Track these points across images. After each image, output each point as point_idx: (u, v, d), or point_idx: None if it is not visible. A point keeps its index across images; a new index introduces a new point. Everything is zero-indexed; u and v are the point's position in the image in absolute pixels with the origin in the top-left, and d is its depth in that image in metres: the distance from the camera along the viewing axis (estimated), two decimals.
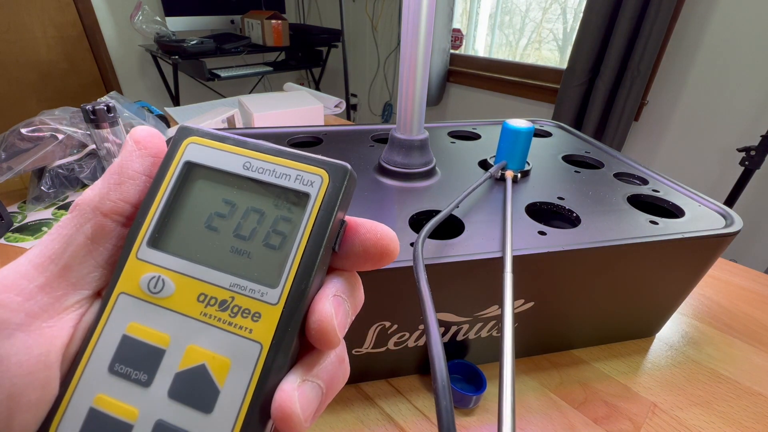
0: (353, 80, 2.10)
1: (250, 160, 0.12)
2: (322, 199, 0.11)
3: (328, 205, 0.11)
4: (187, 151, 0.12)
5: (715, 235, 0.29)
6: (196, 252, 0.11)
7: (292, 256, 0.11)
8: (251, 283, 0.11)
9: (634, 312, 0.34)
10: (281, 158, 0.12)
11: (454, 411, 0.30)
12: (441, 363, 0.15)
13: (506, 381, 0.16)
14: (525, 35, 1.59)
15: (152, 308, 0.11)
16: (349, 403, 0.31)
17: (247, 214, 0.11)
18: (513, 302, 0.21)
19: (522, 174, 0.37)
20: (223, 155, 0.12)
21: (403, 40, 0.31)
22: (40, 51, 1.63)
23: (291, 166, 0.11)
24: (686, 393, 0.32)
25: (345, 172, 0.11)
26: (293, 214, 0.11)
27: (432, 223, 0.25)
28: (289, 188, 0.11)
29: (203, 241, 0.11)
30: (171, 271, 0.11)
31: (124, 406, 0.10)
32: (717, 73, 1.08)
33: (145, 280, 0.11)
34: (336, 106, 0.95)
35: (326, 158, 0.12)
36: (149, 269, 0.11)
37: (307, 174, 0.11)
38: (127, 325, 0.11)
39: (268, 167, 0.11)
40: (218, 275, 0.11)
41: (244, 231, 0.11)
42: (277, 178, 0.11)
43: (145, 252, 0.11)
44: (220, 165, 0.12)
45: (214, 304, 0.11)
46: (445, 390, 0.14)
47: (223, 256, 0.11)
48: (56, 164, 0.55)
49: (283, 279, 0.11)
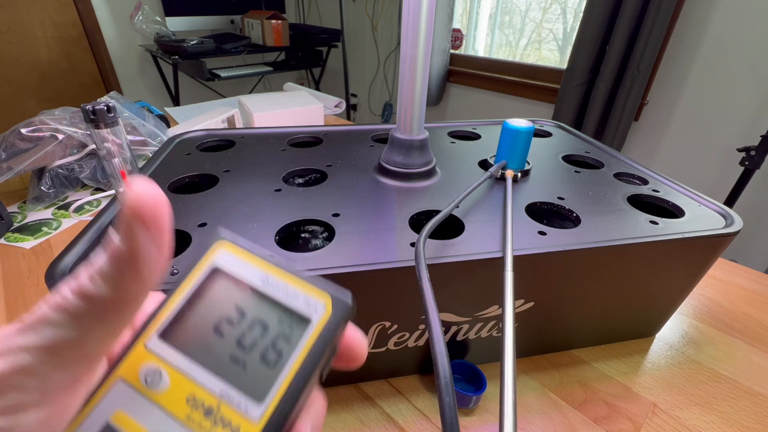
0: (353, 80, 2.10)
1: (268, 275, 0.12)
2: (322, 328, 0.12)
3: (327, 334, 0.12)
4: (217, 256, 0.13)
5: (715, 235, 0.29)
6: (199, 353, 0.12)
7: (282, 377, 0.11)
8: (239, 396, 0.11)
9: (634, 312, 0.34)
10: (295, 278, 0.12)
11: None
12: (444, 360, 0.15)
13: (507, 377, 0.16)
14: (525, 35, 1.59)
15: (143, 401, 0.11)
16: (349, 403, 0.31)
17: (254, 325, 0.12)
18: (514, 300, 0.21)
19: (522, 173, 0.37)
20: (246, 266, 0.12)
21: (403, 40, 0.31)
22: (40, 51, 1.63)
23: (301, 288, 0.12)
24: (686, 393, 0.32)
25: (347, 306, 0.12)
26: (294, 334, 0.12)
27: (433, 222, 0.25)
28: (295, 310, 0.12)
29: (209, 343, 0.12)
30: (171, 366, 0.11)
31: None
32: (717, 73, 1.08)
33: (144, 371, 0.11)
34: (336, 106, 0.95)
35: (334, 287, 0.12)
36: (152, 360, 0.11)
37: (313, 299, 0.12)
38: (114, 412, 0.11)
39: (282, 285, 0.12)
40: (212, 380, 0.11)
41: (247, 341, 0.12)
42: (287, 296, 0.12)
43: (154, 342, 0.12)
44: (243, 275, 0.12)
45: (200, 409, 0.11)
46: (448, 387, 0.14)
47: (222, 361, 0.11)
48: (56, 164, 0.55)
49: (270, 397, 0.11)
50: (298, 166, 0.37)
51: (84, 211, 0.54)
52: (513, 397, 0.15)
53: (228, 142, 0.44)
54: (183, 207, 0.30)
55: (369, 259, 0.25)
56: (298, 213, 0.30)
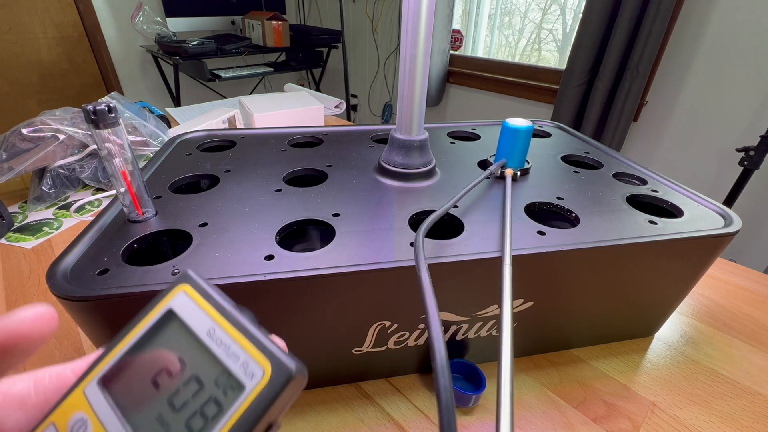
0: (353, 81, 2.10)
1: (216, 327, 0.11)
2: (255, 397, 0.10)
3: (258, 406, 0.10)
4: (175, 299, 0.12)
5: (714, 235, 0.29)
6: (130, 407, 0.11)
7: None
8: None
9: (633, 311, 0.34)
10: (241, 335, 0.11)
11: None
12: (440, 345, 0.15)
13: (505, 375, 0.16)
14: (524, 36, 1.59)
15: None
16: (349, 402, 0.31)
17: (189, 382, 0.11)
18: (512, 295, 0.21)
19: (522, 172, 0.37)
20: (199, 313, 0.12)
21: (403, 40, 0.31)
22: (41, 51, 1.64)
23: (244, 348, 0.11)
24: (685, 392, 0.32)
25: (288, 375, 0.10)
26: (226, 400, 0.10)
27: (432, 218, 0.26)
28: (232, 372, 0.11)
29: (142, 396, 0.11)
30: (98, 418, 0.11)
31: None
32: (716, 74, 1.08)
33: (74, 420, 0.11)
34: (336, 107, 0.95)
35: (278, 352, 0.11)
36: (84, 408, 0.11)
37: (252, 362, 0.11)
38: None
39: (226, 341, 0.11)
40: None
41: (178, 399, 0.11)
42: (228, 356, 0.11)
43: (92, 389, 0.11)
44: (191, 323, 0.11)
45: None
46: (444, 369, 0.14)
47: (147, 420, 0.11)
48: (57, 164, 0.55)
49: None
50: (299, 166, 0.38)
51: (85, 211, 0.54)
52: (510, 390, 0.16)
53: (229, 143, 0.44)
54: (184, 207, 0.30)
55: (369, 259, 0.25)
56: (298, 213, 0.30)
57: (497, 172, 0.36)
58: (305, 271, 0.23)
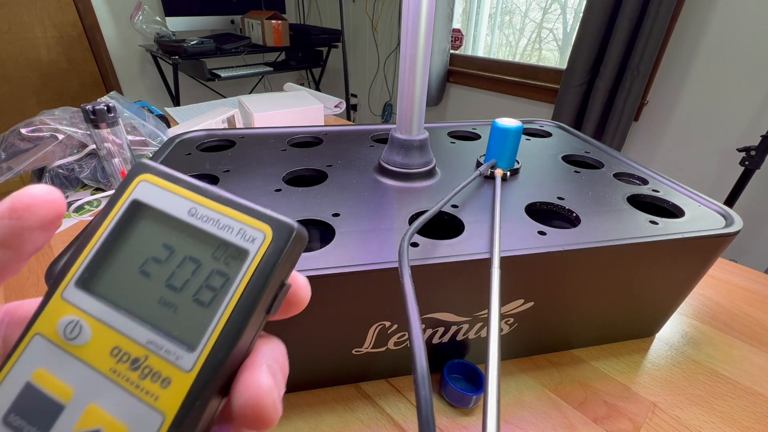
0: (353, 80, 2.10)
1: (196, 206, 0.11)
2: (261, 259, 0.10)
3: (266, 267, 0.10)
4: (138, 189, 0.11)
5: (715, 235, 0.29)
6: (123, 298, 0.10)
7: (217, 318, 0.10)
8: (168, 343, 0.10)
9: (634, 312, 0.34)
10: (228, 208, 0.11)
11: (454, 410, 0.30)
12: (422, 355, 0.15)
13: (492, 377, 0.16)
14: (525, 35, 1.59)
15: (63, 356, 0.10)
16: (348, 402, 0.31)
17: (184, 263, 0.11)
18: (500, 297, 0.21)
19: (511, 172, 0.37)
20: (171, 197, 0.11)
21: (403, 40, 0.31)
22: (40, 51, 1.63)
23: (236, 218, 0.11)
24: (686, 393, 0.32)
25: (290, 232, 0.10)
26: (230, 270, 0.10)
27: (419, 222, 0.26)
28: (229, 242, 0.10)
29: (134, 286, 0.11)
30: (91, 317, 0.10)
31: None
32: (717, 73, 1.08)
33: (63, 324, 0.10)
34: (336, 106, 0.95)
35: (275, 214, 0.11)
36: (70, 312, 0.10)
37: (250, 228, 0.11)
38: (34, 371, 0.10)
39: (213, 216, 0.11)
40: (137, 328, 0.10)
41: (177, 281, 0.10)
42: (219, 229, 0.11)
43: (71, 292, 0.10)
44: (166, 208, 0.11)
45: (127, 360, 0.10)
46: (425, 380, 0.14)
47: (149, 306, 0.10)
48: (56, 164, 0.55)
49: (203, 343, 0.10)
50: (299, 166, 0.37)
51: (84, 211, 0.54)
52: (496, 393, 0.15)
53: (228, 142, 0.44)
54: None
55: (369, 259, 0.25)
56: (298, 213, 0.30)
57: (487, 172, 0.36)
58: (305, 271, 0.23)
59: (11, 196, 0.10)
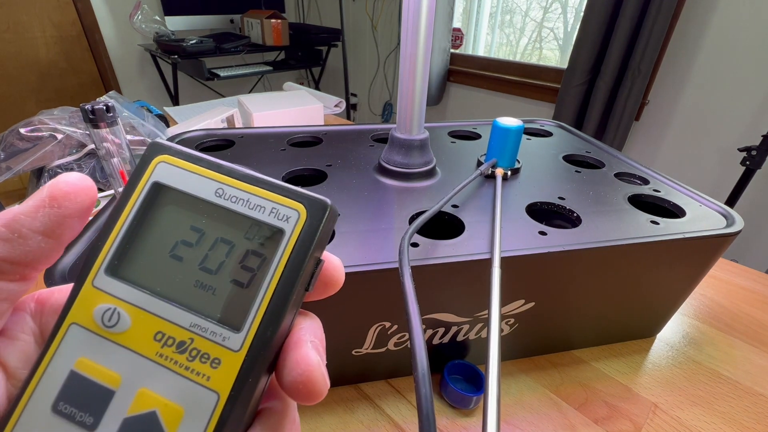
0: (353, 80, 2.10)
1: (223, 186, 0.11)
2: (297, 237, 0.10)
3: (304, 245, 0.10)
4: (157, 171, 0.11)
5: (716, 235, 0.29)
6: (158, 283, 0.10)
7: (260, 298, 0.10)
8: (213, 325, 0.10)
9: (634, 312, 0.34)
10: (257, 187, 0.11)
11: (454, 411, 0.30)
12: (422, 353, 0.15)
13: (492, 378, 0.16)
14: (525, 34, 1.58)
15: (104, 344, 0.10)
16: (349, 403, 0.30)
17: (216, 245, 0.11)
18: (501, 297, 0.21)
19: (512, 172, 0.37)
20: (194, 178, 0.11)
21: (403, 39, 0.31)
22: (39, 50, 1.63)
23: (266, 197, 0.11)
24: (687, 393, 0.32)
25: (324, 208, 0.10)
26: (265, 249, 0.10)
27: (422, 219, 0.25)
28: (263, 222, 0.10)
29: (166, 271, 0.10)
30: (128, 303, 0.10)
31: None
32: (718, 73, 1.08)
33: (99, 312, 0.10)
34: (336, 106, 0.94)
35: (305, 191, 0.11)
36: (105, 300, 0.10)
37: (283, 207, 0.10)
38: (77, 359, 0.10)
39: (242, 196, 0.11)
40: (178, 312, 0.10)
41: (211, 263, 0.10)
42: (250, 209, 0.11)
43: (102, 280, 0.10)
44: (191, 189, 0.11)
45: (172, 344, 0.10)
46: (425, 378, 0.14)
47: (186, 289, 0.10)
48: (55, 164, 0.55)
49: (248, 323, 0.10)
50: (298, 166, 0.37)
51: None
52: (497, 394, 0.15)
53: (227, 142, 0.43)
54: None
55: (369, 259, 0.25)
56: None
57: (488, 172, 0.36)
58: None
59: (49, 185, 0.10)
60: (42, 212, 0.10)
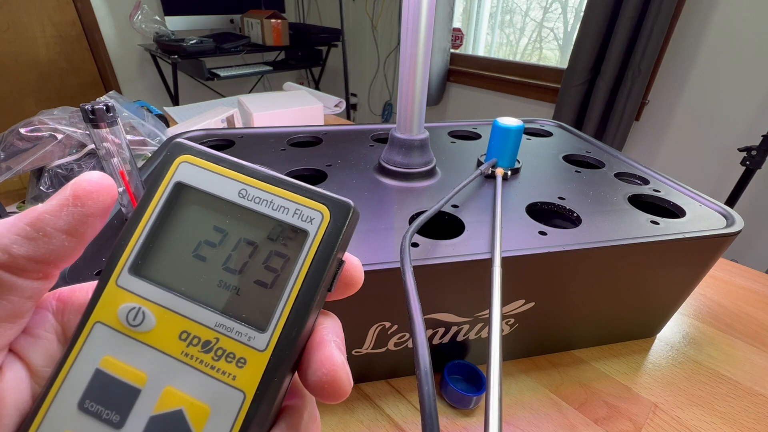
0: (353, 80, 2.10)
1: (246, 187, 0.11)
2: (321, 239, 0.10)
3: (328, 246, 0.10)
4: (179, 171, 0.11)
5: (716, 235, 0.29)
6: (182, 283, 0.10)
7: (285, 299, 0.10)
8: (238, 325, 0.10)
9: (634, 312, 0.34)
10: (280, 189, 0.11)
11: (454, 411, 0.30)
12: (425, 351, 0.15)
13: (493, 378, 0.16)
14: (526, 34, 1.58)
15: (130, 342, 0.10)
16: (349, 403, 0.30)
17: (239, 246, 0.11)
18: (502, 297, 0.21)
19: (512, 172, 0.37)
20: (217, 179, 0.11)
21: (403, 39, 0.31)
22: (39, 50, 1.63)
23: (290, 198, 0.11)
24: (687, 393, 0.32)
25: (348, 210, 0.11)
26: (289, 250, 0.10)
27: (422, 219, 0.25)
28: (287, 223, 0.11)
29: (190, 271, 0.11)
30: (153, 303, 0.10)
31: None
32: (718, 73, 1.08)
33: (124, 311, 0.10)
34: (336, 106, 0.94)
35: (328, 193, 0.11)
36: (129, 299, 0.10)
37: (306, 209, 0.11)
38: (102, 358, 0.10)
39: (266, 197, 0.11)
40: (203, 312, 0.10)
41: (235, 264, 0.11)
42: (274, 210, 0.11)
43: (126, 279, 0.10)
44: (214, 190, 0.11)
45: (197, 344, 0.10)
46: (428, 376, 0.14)
47: (210, 289, 0.10)
48: (55, 164, 0.55)
49: (274, 323, 0.10)
50: (298, 166, 0.37)
51: None
52: (498, 393, 0.15)
53: (227, 142, 0.43)
54: None
55: (369, 259, 0.25)
56: None
57: (488, 171, 0.36)
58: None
59: (72, 184, 0.10)
60: (66, 211, 0.10)
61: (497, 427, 0.14)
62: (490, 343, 0.18)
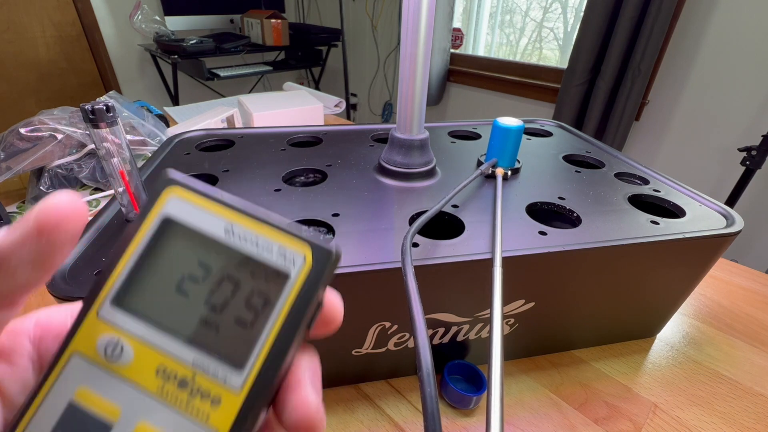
0: (353, 80, 2.10)
1: (232, 225, 0.11)
2: (303, 282, 0.10)
3: (308, 289, 0.10)
4: (168, 205, 0.11)
5: (716, 235, 0.29)
6: (163, 317, 0.10)
7: (263, 339, 0.10)
8: (215, 363, 0.10)
9: (634, 312, 0.34)
10: (265, 227, 0.11)
11: (455, 411, 0.30)
12: (426, 352, 0.15)
13: (495, 377, 0.16)
14: (525, 34, 1.58)
15: (106, 375, 0.10)
16: (349, 403, 0.30)
17: (222, 283, 0.11)
18: (503, 296, 0.21)
19: (512, 172, 0.37)
20: (204, 215, 0.11)
21: (403, 39, 0.31)
22: (39, 50, 1.63)
23: (273, 238, 0.11)
24: (687, 393, 0.32)
25: (329, 256, 0.11)
26: (270, 290, 0.10)
27: (423, 219, 0.25)
28: (269, 263, 0.11)
29: (172, 305, 0.11)
30: (132, 336, 0.10)
31: None
32: (718, 73, 1.08)
33: (103, 343, 0.10)
34: (336, 106, 0.94)
35: (312, 234, 0.11)
36: (109, 331, 0.10)
37: (289, 250, 0.11)
38: (76, 389, 0.10)
39: (251, 236, 0.11)
40: (181, 349, 0.10)
41: (216, 300, 0.11)
42: (258, 249, 0.11)
43: (107, 311, 0.10)
44: (201, 226, 0.11)
45: (174, 380, 0.10)
46: (430, 377, 0.14)
47: (190, 325, 0.10)
48: (55, 164, 0.55)
49: (250, 363, 0.10)
50: (298, 166, 0.37)
51: None
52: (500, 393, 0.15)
53: (227, 142, 0.43)
54: None
55: (369, 259, 0.25)
56: (297, 213, 0.30)
57: (488, 171, 0.36)
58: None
59: (36, 213, 0.09)
60: (30, 242, 0.09)
61: (499, 427, 0.14)
62: (491, 343, 0.18)
